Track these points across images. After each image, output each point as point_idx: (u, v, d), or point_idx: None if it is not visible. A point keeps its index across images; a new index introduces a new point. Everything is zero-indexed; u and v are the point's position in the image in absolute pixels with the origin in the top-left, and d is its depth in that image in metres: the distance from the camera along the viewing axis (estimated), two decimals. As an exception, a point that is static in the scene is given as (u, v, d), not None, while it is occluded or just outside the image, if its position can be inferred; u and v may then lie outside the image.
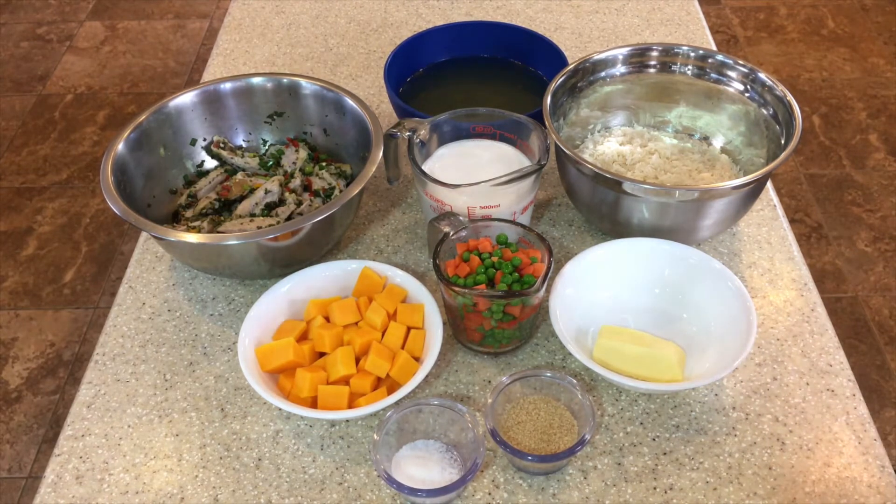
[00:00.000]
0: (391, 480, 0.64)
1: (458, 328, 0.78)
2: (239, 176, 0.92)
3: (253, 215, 0.87)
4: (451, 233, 0.76)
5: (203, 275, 0.88)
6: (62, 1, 2.98)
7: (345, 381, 0.73)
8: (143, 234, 0.93)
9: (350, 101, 0.91)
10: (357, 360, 0.74)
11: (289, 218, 0.87)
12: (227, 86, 0.94)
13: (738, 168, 0.91)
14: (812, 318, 0.82)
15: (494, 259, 0.75)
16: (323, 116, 0.95)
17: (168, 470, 0.72)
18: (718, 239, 0.90)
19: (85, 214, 2.16)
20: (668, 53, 0.95)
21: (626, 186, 0.79)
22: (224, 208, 0.91)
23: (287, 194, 0.89)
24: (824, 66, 2.59)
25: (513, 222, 0.78)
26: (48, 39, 2.80)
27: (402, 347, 0.75)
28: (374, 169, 0.82)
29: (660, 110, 0.96)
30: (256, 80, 0.95)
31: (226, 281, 0.88)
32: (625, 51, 0.94)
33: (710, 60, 0.93)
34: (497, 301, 0.72)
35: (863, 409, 0.75)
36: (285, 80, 0.95)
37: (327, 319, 0.78)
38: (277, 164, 0.95)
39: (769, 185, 0.96)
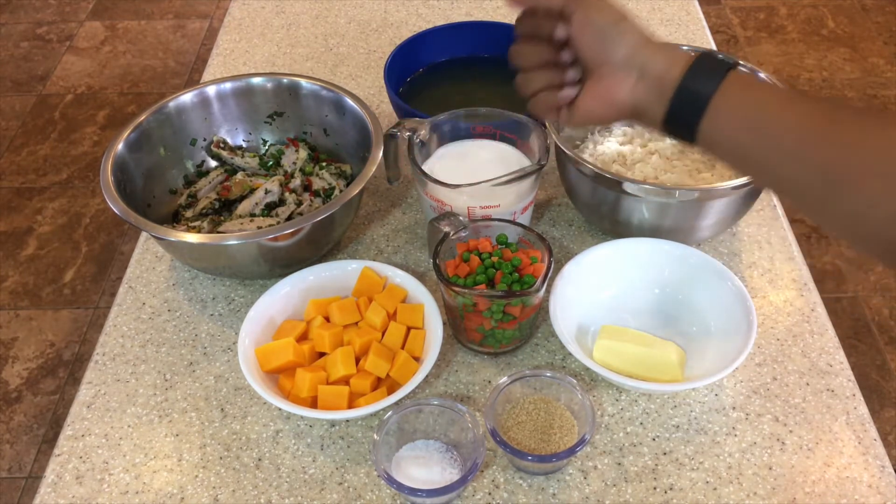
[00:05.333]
0: (391, 480, 0.64)
1: (458, 328, 0.78)
2: (239, 176, 0.92)
3: (253, 215, 0.87)
4: (451, 233, 0.76)
5: (203, 275, 0.88)
6: (62, 1, 2.98)
7: (345, 381, 0.73)
8: (143, 234, 0.93)
9: (350, 101, 0.91)
10: (357, 360, 0.74)
11: (289, 218, 0.87)
12: (227, 86, 0.94)
13: (738, 168, 0.91)
14: (812, 318, 0.82)
15: (494, 259, 0.75)
16: (323, 116, 0.95)
17: (168, 470, 0.72)
18: (718, 239, 0.90)
19: (85, 214, 2.16)
20: (668, 53, 0.94)
21: (627, 186, 0.79)
22: (224, 208, 0.91)
23: (287, 194, 0.89)
24: (824, 66, 2.58)
25: (513, 222, 0.78)
26: (48, 39, 2.80)
27: (402, 347, 0.75)
28: (374, 169, 0.82)
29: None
30: (256, 80, 0.95)
31: (226, 281, 0.88)
32: (625, 51, 0.94)
33: (710, 60, 0.93)
34: (497, 301, 0.72)
35: (863, 409, 0.75)
36: (285, 80, 0.95)
37: (327, 319, 0.78)
38: (277, 164, 0.95)
39: (769, 185, 0.96)
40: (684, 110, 0.58)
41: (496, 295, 0.71)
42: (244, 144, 0.98)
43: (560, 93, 0.64)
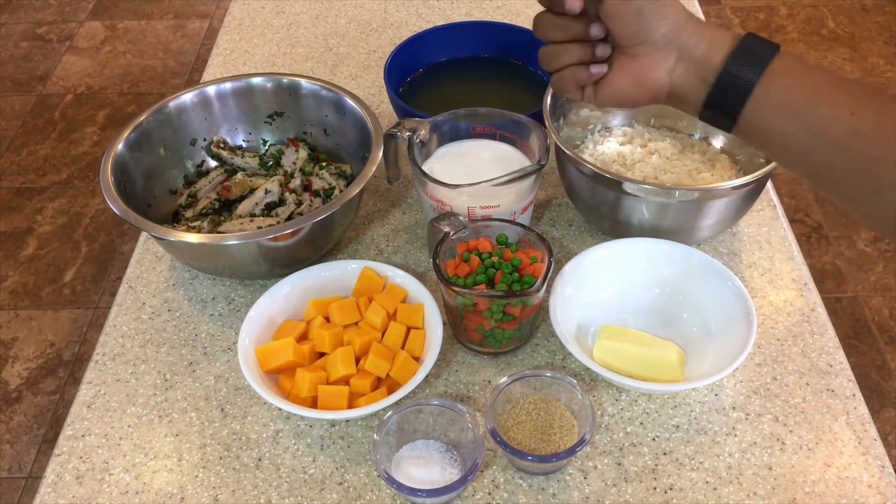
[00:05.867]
0: (391, 480, 0.64)
1: (458, 328, 0.78)
2: (239, 176, 0.92)
3: (253, 215, 0.87)
4: (451, 233, 0.76)
5: (203, 275, 0.88)
6: (62, 1, 2.98)
7: (345, 381, 0.73)
8: (143, 234, 0.93)
9: (350, 101, 0.91)
10: (357, 360, 0.74)
11: (289, 218, 0.87)
12: (227, 86, 0.94)
13: (738, 168, 0.91)
14: (812, 318, 0.82)
15: (494, 259, 0.75)
16: (323, 116, 0.95)
17: (168, 470, 0.72)
18: (718, 239, 0.90)
19: (85, 214, 2.16)
20: (668, 53, 0.95)
21: (626, 186, 0.79)
22: (224, 208, 0.91)
23: (287, 194, 0.89)
24: (824, 66, 2.59)
25: (513, 222, 0.78)
26: (48, 39, 2.80)
27: (402, 347, 0.75)
28: (374, 169, 0.82)
29: (660, 110, 0.96)
30: (256, 80, 0.95)
31: (226, 281, 0.88)
32: (625, 51, 0.94)
33: (710, 60, 0.93)
34: (497, 301, 0.72)
35: (863, 409, 0.75)
36: (285, 80, 0.95)
37: (327, 319, 0.78)
38: (277, 164, 0.95)
39: (769, 185, 0.96)
40: (727, 96, 0.55)
41: (496, 295, 0.71)
42: (244, 144, 0.98)
43: (590, 69, 0.60)
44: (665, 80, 0.58)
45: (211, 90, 0.93)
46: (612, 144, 0.93)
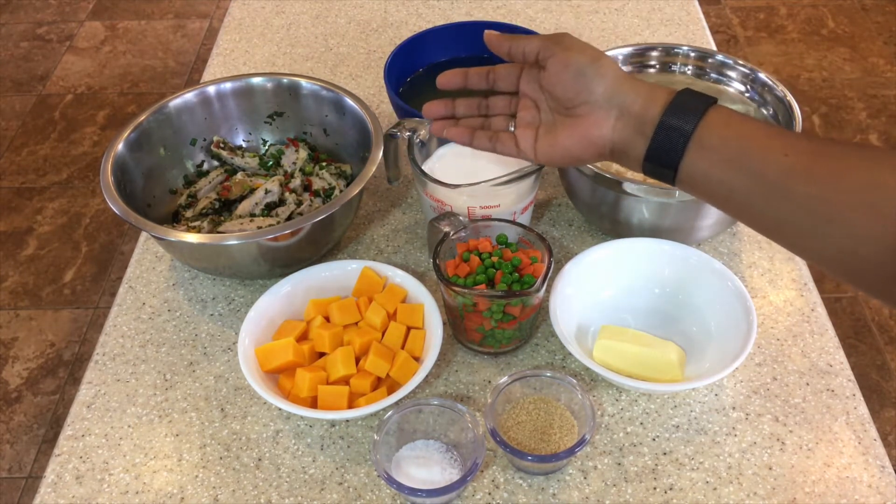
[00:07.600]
0: (391, 480, 0.64)
1: (458, 328, 0.78)
2: (239, 176, 0.92)
3: (253, 215, 0.87)
4: (451, 233, 0.76)
5: (203, 275, 0.88)
6: (62, 1, 2.98)
7: (345, 381, 0.73)
8: (143, 234, 0.93)
9: (350, 101, 0.91)
10: (357, 360, 0.74)
11: (289, 218, 0.87)
12: (227, 86, 0.94)
13: (738, 168, 0.91)
14: (812, 318, 0.82)
15: (494, 259, 0.75)
16: (323, 116, 0.95)
17: (168, 470, 0.72)
18: (718, 239, 0.90)
19: (85, 214, 2.16)
20: (668, 53, 0.95)
21: (626, 186, 0.79)
22: (224, 208, 0.91)
23: (287, 194, 0.89)
24: (824, 66, 2.59)
25: (513, 222, 0.78)
26: (48, 39, 2.80)
27: (402, 347, 0.75)
28: (374, 169, 0.82)
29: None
30: (256, 80, 0.95)
31: (226, 281, 0.88)
32: (625, 51, 0.94)
33: (710, 60, 0.93)
34: (497, 301, 0.72)
35: (863, 409, 0.75)
36: (285, 80, 0.95)
37: (327, 319, 0.78)
38: (277, 164, 0.95)
39: (769, 185, 0.96)
40: (665, 147, 0.57)
41: (496, 295, 0.71)
42: (244, 144, 0.98)
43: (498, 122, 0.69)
44: (608, 136, 0.61)
45: (211, 90, 0.93)
46: (612, 144, 0.93)
